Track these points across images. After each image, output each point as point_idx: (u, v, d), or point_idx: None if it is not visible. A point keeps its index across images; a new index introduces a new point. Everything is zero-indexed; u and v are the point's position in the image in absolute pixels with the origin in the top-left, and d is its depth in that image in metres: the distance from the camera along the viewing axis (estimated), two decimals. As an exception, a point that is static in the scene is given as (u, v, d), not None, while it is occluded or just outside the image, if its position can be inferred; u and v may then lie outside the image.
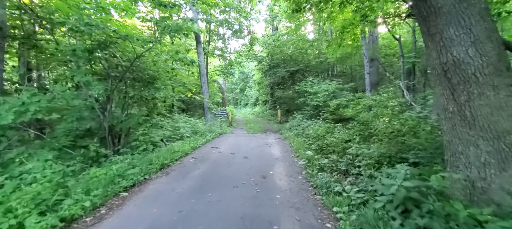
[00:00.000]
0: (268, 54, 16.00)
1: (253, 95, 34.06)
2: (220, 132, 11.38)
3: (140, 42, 5.27)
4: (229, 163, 5.63)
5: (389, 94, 8.21)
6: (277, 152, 6.90)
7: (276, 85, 19.89)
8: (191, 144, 7.39)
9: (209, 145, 8.20)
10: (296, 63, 14.52)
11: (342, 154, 5.04)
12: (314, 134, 7.29)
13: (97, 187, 3.39)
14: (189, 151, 6.81)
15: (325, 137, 6.65)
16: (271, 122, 17.44)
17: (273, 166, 5.39)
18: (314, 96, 10.14)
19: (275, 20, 26.12)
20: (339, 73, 15.15)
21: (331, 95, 9.59)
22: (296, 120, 11.37)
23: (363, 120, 6.70)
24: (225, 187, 4.03)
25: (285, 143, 8.63)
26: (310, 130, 7.97)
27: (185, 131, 9.34)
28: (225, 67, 23.14)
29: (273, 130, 13.41)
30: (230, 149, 7.37)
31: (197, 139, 8.46)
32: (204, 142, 8.57)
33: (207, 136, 9.46)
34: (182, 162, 5.71)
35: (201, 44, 14.47)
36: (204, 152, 7.00)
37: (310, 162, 5.06)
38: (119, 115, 6.47)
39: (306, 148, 6.79)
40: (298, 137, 9.03)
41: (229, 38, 21.12)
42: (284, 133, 10.99)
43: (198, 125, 10.32)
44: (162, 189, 3.94)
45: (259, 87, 27.23)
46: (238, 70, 31.39)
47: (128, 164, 4.54)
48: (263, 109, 25.52)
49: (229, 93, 41.76)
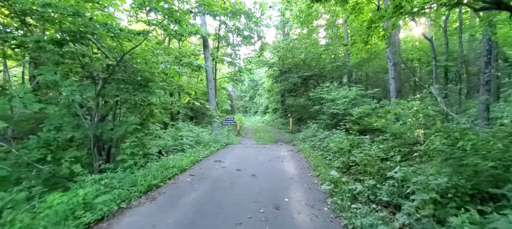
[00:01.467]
0: (279, 59, 15.01)
1: (263, 103, 33.08)
2: (227, 142, 10.36)
3: (126, 34, 4.40)
4: (233, 184, 4.56)
5: (425, 101, 6.96)
6: (292, 169, 5.77)
7: (287, 92, 18.82)
8: (191, 157, 6.40)
9: (213, 158, 7.18)
10: (309, 68, 13.43)
11: (380, 177, 3.86)
12: (335, 148, 6.12)
13: (45, 227, 2.41)
14: (188, 166, 5.80)
15: (351, 152, 5.47)
16: (282, 131, 16.30)
17: (288, 189, 4.27)
18: (332, 103, 8.97)
19: (286, 26, 25.36)
20: (356, 79, 13.90)
21: (352, 102, 8.41)
22: (311, 130, 10.20)
23: (395, 132, 5.49)
24: (224, 224, 2.96)
25: (299, 157, 7.47)
26: (330, 143, 6.80)
27: (186, 142, 8.40)
28: (234, 74, 22.41)
29: (285, 141, 12.26)
30: (236, 164, 6.31)
31: (199, 151, 7.46)
32: (207, 154, 7.56)
33: (211, 147, 8.45)
34: (176, 182, 4.69)
35: (208, 49, 13.73)
36: (205, 167, 5.97)
37: (337, 187, 3.90)
38: (109, 123, 5.60)
39: (326, 165, 5.62)
40: (314, 150, 7.86)
41: (238, 44, 20.46)
42: (298, 145, 9.82)
43: (202, 134, 9.36)
44: (139, 226, 2.91)
45: (269, 95, 26.26)
46: (248, 77, 30.69)
47: (104, 186, 3.57)
48: (273, 118, 24.44)
49: (239, 100, 41.06)
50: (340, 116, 8.51)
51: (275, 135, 14.79)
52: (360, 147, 5.64)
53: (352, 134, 6.28)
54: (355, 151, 5.22)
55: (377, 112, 7.48)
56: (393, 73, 9.93)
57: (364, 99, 8.85)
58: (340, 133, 7.37)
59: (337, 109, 8.11)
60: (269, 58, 17.60)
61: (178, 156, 6.37)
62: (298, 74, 12.95)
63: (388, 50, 10.13)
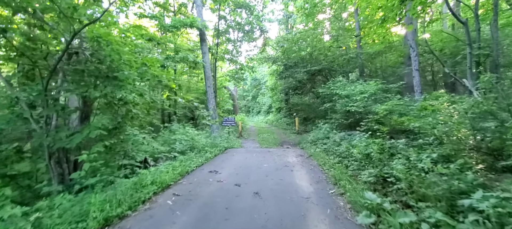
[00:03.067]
0: (284, 52, 13.73)
1: (266, 102, 31.79)
2: (226, 146, 9.13)
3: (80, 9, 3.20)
4: (229, 210, 3.32)
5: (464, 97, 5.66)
6: (305, 183, 4.51)
7: (292, 90, 17.52)
8: (180, 168, 5.17)
9: (207, 167, 5.95)
10: (317, 62, 12.12)
11: (447, 206, 2.58)
12: (359, 155, 4.85)
13: None
14: (173, 180, 4.57)
15: (382, 161, 4.20)
16: (287, 132, 15.02)
17: (306, 219, 3.02)
18: (348, 100, 7.68)
19: (290, 20, 24.04)
20: (369, 74, 12.55)
21: (372, 98, 7.11)
22: (322, 131, 8.91)
23: (440, 135, 4.20)
24: None
25: (312, 164, 6.21)
26: (350, 148, 5.52)
27: (179, 147, 7.20)
28: (235, 72, 21.20)
29: (292, 143, 11.00)
30: (235, 176, 5.07)
31: (192, 159, 6.24)
32: (202, 162, 6.33)
33: (207, 153, 7.23)
34: (152, 206, 3.47)
35: (206, 43, 12.51)
36: (196, 181, 4.74)
37: (383, 221, 2.64)
38: (72, 127, 4.41)
39: (351, 178, 4.35)
40: (329, 156, 6.59)
41: (240, 40, 19.23)
42: (307, 148, 8.55)
43: (197, 138, 8.14)
44: None
45: (272, 94, 25.02)
46: (250, 75, 29.43)
47: (33, 223, 2.36)
48: (277, 117, 23.17)
49: (241, 100, 39.87)
50: (358, 114, 7.22)
51: (280, 136, 13.53)
52: (394, 153, 4.36)
53: (379, 137, 4.99)
54: (392, 160, 3.95)
55: (406, 109, 6.18)
56: (417, 64, 8.59)
57: (386, 95, 7.55)
58: (361, 135, 6.09)
59: (354, 107, 6.83)
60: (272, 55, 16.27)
61: (165, 166, 5.15)
62: (305, 69, 11.65)
63: (411, 38, 8.80)
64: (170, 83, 5.39)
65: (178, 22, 10.74)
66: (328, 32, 12.29)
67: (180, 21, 10.74)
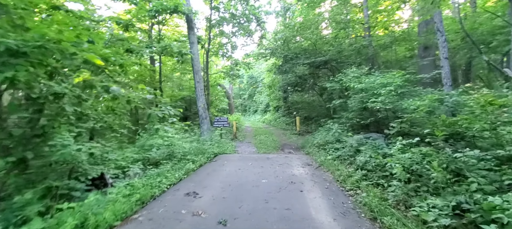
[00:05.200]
0: (284, 42, 12.15)
1: (263, 100, 30.20)
2: (216, 152, 7.56)
3: None
4: None
5: None
6: (327, 218, 2.96)
7: (291, 86, 15.98)
8: (141, 191, 3.59)
9: (185, 185, 4.36)
10: (321, 53, 10.59)
11: None
12: (401, 175, 3.31)
13: None
14: (124, 215, 2.99)
15: (448, 184, 2.68)
16: (287, 132, 13.47)
17: None
18: (366, 94, 6.16)
19: (288, 12, 22.49)
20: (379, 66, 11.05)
21: (398, 93, 5.59)
22: (332, 133, 7.38)
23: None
24: None
25: (326, 178, 4.68)
26: (380, 158, 3.99)
27: (153, 154, 5.63)
28: (230, 68, 19.59)
29: (294, 146, 9.46)
30: (221, 202, 3.51)
31: (165, 174, 4.64)
32: (179, 177, 4.74)
33: (189, 162, 5.65)
34: None
35: (194, 31, 10.88)
36: (161, 215, 3.15)
37: None
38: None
39: (397, 210, 2.82)
40: (346, 166, 5.08)
41: (235, 34, 17.57)
42: (314, 154, 7.05)
43: (179, 142, 6.53)
44: None
45: (270, 92, 23.48)
46: (246, 72, 27.82)
47: None
48: (275, 116, 21.65)
49: (237, 99, 38.27)
50: (380, 113, 5.72)
51: (280, 138, 11.98)
52: (461, 172, 2.84)
53: (431, 145, 3.46)
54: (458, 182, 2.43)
55: (445, 106, 4.68)
56: (446, 51, 7.10)
57: (413, 88, 6.06)
58: (384, 139, 4.58)
59: (378, 103, 5.29)
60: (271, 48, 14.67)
61: (119, 188, 3.57)
62: (309, 61, 10.09)
63: (438, 20, 7.31)
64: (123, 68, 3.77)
65: (159, 5, 9.11)
66: (334, 20, 10.74)
67: (161, 4, 9.11)
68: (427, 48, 10.41)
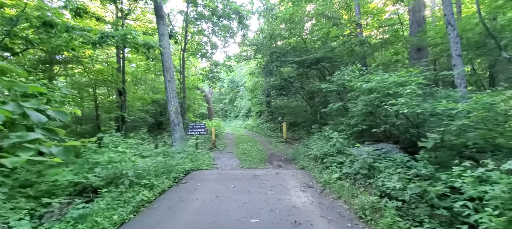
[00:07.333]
0: (270, 38, 10.80)
1: (244, 105, 28.66)
2: (188, 169, 5.89)
3: None
4: None
5: None
6: None
7: (276, 90, 14.67)
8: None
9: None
10: (311, 52, 9.42)
11: None
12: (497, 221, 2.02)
13: None
14: None
15: None
16: (273, 140, 12.05)
17: None
18: (377, 95, 4.94)
19: (272, 13, 21.39)
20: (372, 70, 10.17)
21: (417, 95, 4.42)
22: (332, 143, 6.07)
23: None
24: None
25: (342, 213, 3.29)
26: (425, 186, 2.69)
27: (94, 179, 3.86)
28: (210, 70, 17.86)
29: (283, 158, 8.04)
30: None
31: (100, 213, 2.94)
32: (118, 221, 3.05)
33: (143, 190, 3.94)
34: None
35: (164, 22, 9.14)
36: None
37: None
38: None
39: None
40: (362, 191, 3.75)
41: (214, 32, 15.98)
42: (311, 169, 5.70)
43: (133, 158, 4.76)
44: None
45: (252, 96, 22.08)
46: (227, 75, 26.18)
47: None
48: (258, 122, 20.17)
49: (217, 103, 36.36)
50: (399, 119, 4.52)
51: (265, 146, 10.54)
52: None
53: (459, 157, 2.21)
54: None
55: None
56: (459, 47, 6.19)
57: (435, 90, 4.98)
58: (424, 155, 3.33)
59: (403, 106, 4.00)
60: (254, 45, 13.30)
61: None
62: (299, 58, 8.83)
63: (448, 10, 6.42)
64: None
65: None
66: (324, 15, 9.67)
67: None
68: (420, 49, 9.72)
